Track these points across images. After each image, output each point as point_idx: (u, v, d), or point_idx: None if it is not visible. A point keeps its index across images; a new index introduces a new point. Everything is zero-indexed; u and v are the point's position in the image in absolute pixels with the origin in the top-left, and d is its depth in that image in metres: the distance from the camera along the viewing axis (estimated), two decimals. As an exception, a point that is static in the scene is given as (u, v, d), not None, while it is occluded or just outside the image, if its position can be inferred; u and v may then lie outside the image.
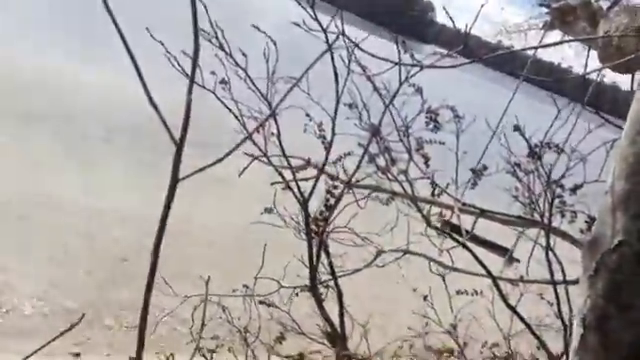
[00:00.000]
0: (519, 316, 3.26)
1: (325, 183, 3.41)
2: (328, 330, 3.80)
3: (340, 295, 3.83)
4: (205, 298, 2.46)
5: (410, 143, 3.31)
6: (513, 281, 3.43)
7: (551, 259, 3.05)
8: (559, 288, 3.09)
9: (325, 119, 3.22)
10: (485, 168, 3.46)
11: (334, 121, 3.13)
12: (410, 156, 3.32)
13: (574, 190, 2.98)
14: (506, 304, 3.22)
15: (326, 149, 3.23)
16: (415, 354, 5.86)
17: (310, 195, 3.26)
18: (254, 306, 3.98)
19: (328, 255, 3.71)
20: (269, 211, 3.64)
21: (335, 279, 3.79)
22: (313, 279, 3.62)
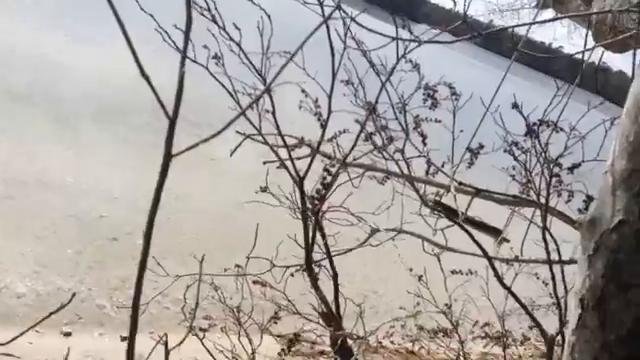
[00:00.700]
0: (514, 296, 3.26)
1: (322, 161, 3.36)
2: (323, 310, 3.80)
3: (335, 275, 3.82)
4: (199, 277, 2.43)
5: (407, 121, 3.27)
6: (509, 261, 3.42)
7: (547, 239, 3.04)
8: (555, 268, 3.08)
9: (321, 96, 3.16)
10: (481, 147, 3.43)
11: (330, 98, 3.07)
12: (407, 134, 3.28)
13: (572, 169, 2.96)
14: (501, 284, 3.21)
15: (322, 126, 3.18)
16: (408, 334, 5.91)
17: (306, 173, 3.21)
18: (247, 286, 3.96)
19: (323, 235, 3.69)
20: (263, 190, 3.60)
21: (330, 259, 3.78)
22: (308, 259, 3.60)
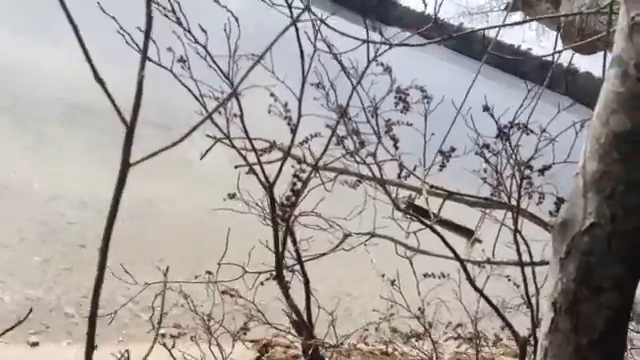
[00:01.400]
0: (486, 298, 3.26)
1: (292, 166, 3.31)
2: (294, 318, 3.74)
3: (307, 282, 3.77)
4: (164, 286, 2.36)
5: (379, 124, 3.24)
6: (480, 263, 3.42)
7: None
8: (526, 270, 3.09)
9: (291, 100, 3.11)
10: (453, 150, 3.43)
11: (300, 101, 3.02)
12: (379, 138, 3.26)
13: (542, 171, 2.97)
14: (473, 286, 3.21)
15: (292, 131, 3.13)
16: (381, 336, 5.89)
17: (275, 179, 3.15)
18: (218, 293, 3.89)
19: (294, 241, 3.64)
20: (232, 196, 3.53)
21: (302, 265, 3.73)
22: (279, 266, 3.54)
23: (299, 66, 2.85)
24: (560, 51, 3.97)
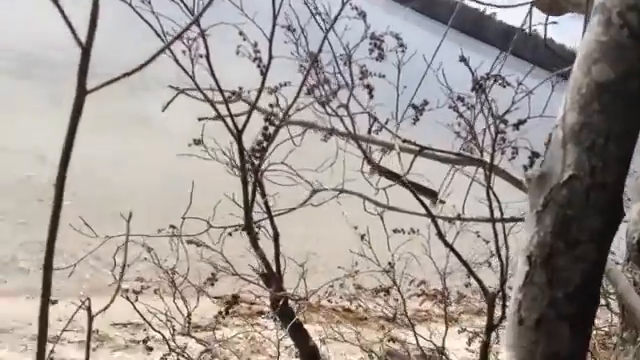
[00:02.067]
0: (456, 253, 3.25)
1: (261, 113, 3.18)
2: (263, 271, 3.68)
3: (276, 235, 3.70)
4: (126, 238, 2.25)
5: (352, 74, 3.13)
6: (451, 219, 3.40)
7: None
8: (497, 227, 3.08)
9: (261, 40, 2.94)
10: (426, 103, 3.36)
11: (271, 42, 2.86)
12: (351, 88, 3.15)
13: (517, 125, 2.93)
14: (444, 242, 3.20)
15: (262, 73, 2.97)
16: (346, 293, 5.93)
17: (244, 125, 3.01)
18: (183, 247, 3.79)
19: (263, 194, 3.54)
20: (197, 142, 3.40)
21: (271, 219, 3.65)
22: (248, 218, 3.45)
23: (269, 5, 2.69)
24: (526, 5, 3.88)
